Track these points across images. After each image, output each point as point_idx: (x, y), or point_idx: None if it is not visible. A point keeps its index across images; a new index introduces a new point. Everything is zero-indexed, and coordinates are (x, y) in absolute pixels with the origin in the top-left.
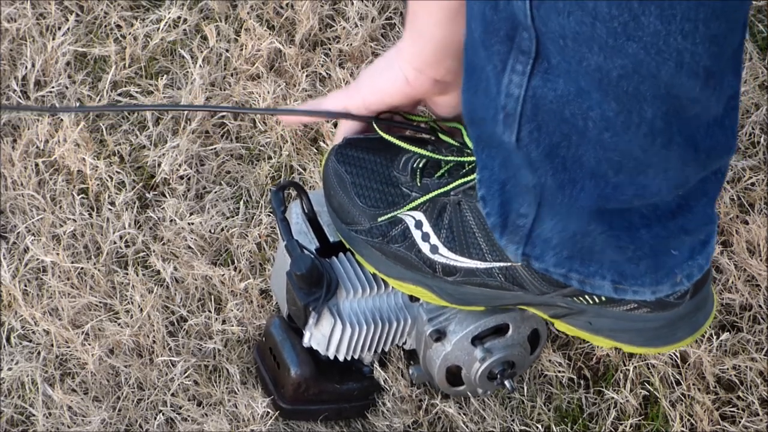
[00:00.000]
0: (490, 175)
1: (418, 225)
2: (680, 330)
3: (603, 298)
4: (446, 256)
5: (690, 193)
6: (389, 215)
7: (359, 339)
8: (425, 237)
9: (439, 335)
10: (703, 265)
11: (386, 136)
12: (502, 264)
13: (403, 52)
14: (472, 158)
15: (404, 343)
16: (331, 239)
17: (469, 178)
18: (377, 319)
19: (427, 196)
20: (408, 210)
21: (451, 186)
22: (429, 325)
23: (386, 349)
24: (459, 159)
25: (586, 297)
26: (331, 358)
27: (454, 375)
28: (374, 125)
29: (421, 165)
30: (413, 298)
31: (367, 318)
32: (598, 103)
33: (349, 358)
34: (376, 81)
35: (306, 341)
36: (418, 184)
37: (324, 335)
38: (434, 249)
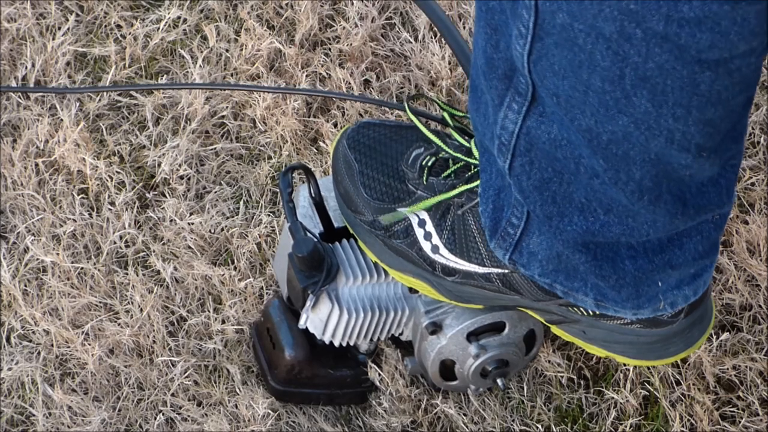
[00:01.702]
0: (487, 178)
1: (422, 223)
2: (674, 345)
3: (597, 311)
4: (446, 257)
5: (683, 231)
6: (392, 213)
7: (356, 325)
8: (427, 236)
9: (435, 328)
10: (689, 296)
11: (414, 119)
12: (499, 270)
13: None
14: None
15: (401, 334)
16: (336, 225)
17: (473, 183)
18: (375, 307)
19: (432, 200)
20: (411, 208)
21: (455, 191)
22: (426, 318)
23: (382, 338)
24: (467, 160)
25: (581, 308)
26: (327, 342)
27: (447, 369)
28: (406, 107)
29: (429, 163)
30: (413, 290)
31: (365, 305)
32: (588, 157)
33: (344, 344)
34: None
35: (302, 323)
36: (424, 183)
37: (321, 319)
38: (435, 249)
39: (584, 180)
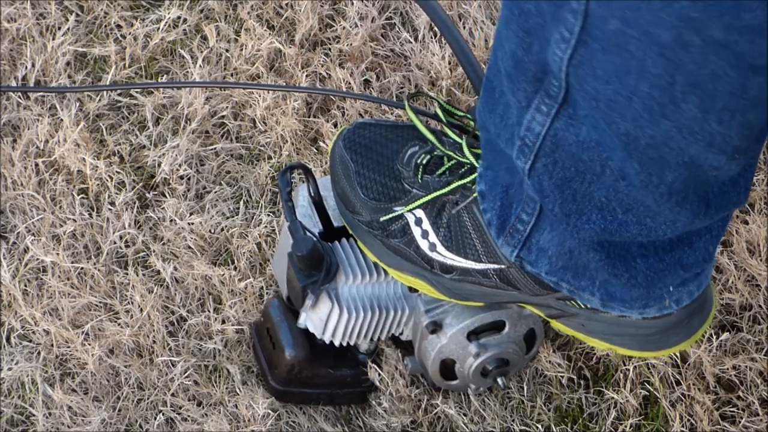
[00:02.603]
0: (494, 176)
1: (418, 222)
2: (674, 336)
3: (602, 310)
4: (443, 255)
5: (694, 231)
6: (389, 215)
7: (356, 325)
8: (424, 234)
9: (436, 327)
10: (693, 292)
11: (413, 116)
12: (496, 266)
13: None
14: (471, 160)
15: (401, 333)
16: (336, 224)
17: (467, 179)
18: (375, 306)
19: (428, 198)
20: (408, 207)
21: (450, 187)
22: (426, 317)
23: (382, 338)
24: (459, 159)
25: (578, 302)
26: (327, 342)
27: (447, 368)
28: (407, 107)
29: (424, 162)
30: (412, 289)
31: (364, 304)
32: (620, 160)
33: (344, 344)
34: None
35: (301, 322)
36: (420, 181)
37: (321, 318)
38: (432, 247)
39: (608, 181)
